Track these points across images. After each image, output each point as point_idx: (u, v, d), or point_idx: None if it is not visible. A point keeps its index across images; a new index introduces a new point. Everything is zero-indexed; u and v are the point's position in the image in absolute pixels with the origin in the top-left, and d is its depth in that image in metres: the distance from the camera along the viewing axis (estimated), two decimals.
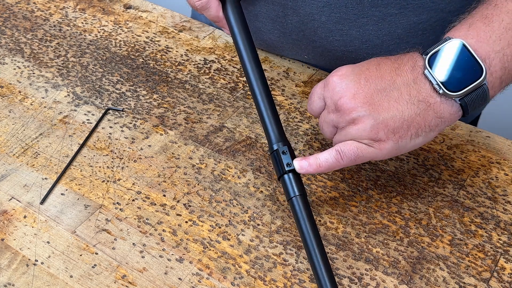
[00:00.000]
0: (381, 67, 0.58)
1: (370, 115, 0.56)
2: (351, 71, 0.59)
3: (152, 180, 0.66)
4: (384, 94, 0.57)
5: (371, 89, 0.57)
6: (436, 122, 0.57)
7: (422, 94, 0.56)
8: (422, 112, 0.56)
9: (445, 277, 0.58)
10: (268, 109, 0.62)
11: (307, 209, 0.57)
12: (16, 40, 0.84)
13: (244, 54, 0.64)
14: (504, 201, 0.65)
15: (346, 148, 0.58)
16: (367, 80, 0.57)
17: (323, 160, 0.58)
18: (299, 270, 0.58)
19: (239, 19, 0.66)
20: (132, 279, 0.57)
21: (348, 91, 0.57)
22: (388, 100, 0.56)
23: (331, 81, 0.59)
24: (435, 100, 0.56)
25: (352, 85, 0.57)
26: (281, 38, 0.78)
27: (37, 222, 0.62)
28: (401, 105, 0.56)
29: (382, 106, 0.56)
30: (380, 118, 0.56)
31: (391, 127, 0.56)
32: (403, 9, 0.71)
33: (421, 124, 0.56)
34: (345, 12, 0.71)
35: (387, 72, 0.57)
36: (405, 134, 0.57)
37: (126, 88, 0.77)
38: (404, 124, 0.56)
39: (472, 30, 0.57)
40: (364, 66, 0.59)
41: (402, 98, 0.56)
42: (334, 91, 0.58)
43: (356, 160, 0.58)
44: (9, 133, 0.71)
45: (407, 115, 0.56)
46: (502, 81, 0.57)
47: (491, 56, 0.56)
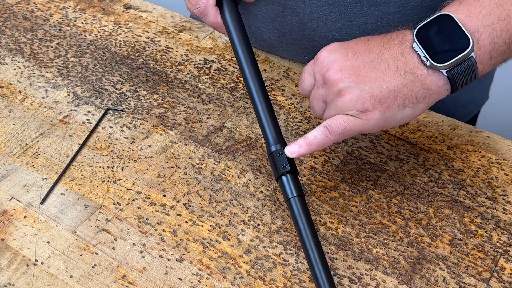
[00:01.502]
0: (369, 42, 0.59)
1: (356, 85, 0.57)
2: (340, 45, 0.60)
3: (152, 180, 0.66)
4: (371, 66, 0.58)
5: (358, 61, 0.58)
6: (424, 93, 0.57)
7: (409, 65, 0.57)
8: (409, 83, 0.57)
9: (445, 277, 0.58)
10: (266, 111, 0.62)
11: (305, 210, 0.58)
12: (16, 40, 0.84)
13: (242, 58, 0.65)
14: (504, 201, 0.65)
15: (333, 123, 0.58)
16: (354, 53, 0.59)
17: (312, 138, 0.59)
18: (299, 270, 0.58)
19: (237, 25, 0.67)
20: (132, 279, 0.57)
21: (335, 63, 0.58)
22: (375, 71, 0.57)
23: (320, 56, 0.60)
24: (422, 72, 0.57)
25: (340, 57, 0.59)
26: (280, 37, 0.79)
27: (37, 222, 0.62)
28: (388, 76, 0.57)
29: (369, 77, 0.57)
30: (366, 88, 0.57)
31: (377, 97, 0.57)
32: (402, 8, 0.71)
33: (408, 95, 0.57)
34: (344, 11, 0.71)
35: (375, 46, 0.59)
36: (392, 104, 0.57)
37: (126, 88, 0.77)
38: (391, 94, 0.57)
39: (463, 5, 0.57)
40: (353, 41, 0.60)
41: (389, 69, 0.57)
42: (322, 64, 0.59)
43: (344, 133, 0.58)
44: (9, 133, 0.71)
45: (393, 85, 0.57)
46: (492, 56, 0.57)
47: (480, 30, 0.56)
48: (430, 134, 0.72)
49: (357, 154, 0.70)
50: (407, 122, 0.60)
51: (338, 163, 0.69)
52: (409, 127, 0.73)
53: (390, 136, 0.72)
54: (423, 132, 0.72)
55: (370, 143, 0.71)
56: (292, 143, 0.60)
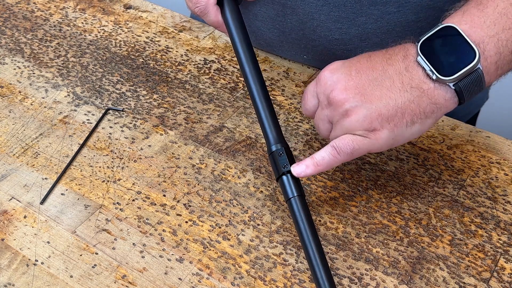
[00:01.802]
0: (372, 59, 0.58)
1: (362, 105, 0.56)
2: (342, 64, 0.59)
3: (152, 180, 0.66)
4: (376, 83, 0.56)
5: (363, 79, 0.57)
6: (432, 108, 0.56)
7: (415, 80, 0.56)
8: (416, 99, 0.56)
9: (445, 277, 0.58)
10: (267, 111, 0.62)
11: (305, 209, 0.57)
12: (16, 40, 0.84)
13: (243, 57, 0.64)
14: (504, 201, 0.65)
15: (341, 143, 0.57)
16: (358, 72, 0.57)
17: (320, 158, 0.58)
18: (299, 270, 0.58)
19: (238, 24, 0.67)
20: (132, 279, 0.57)
21: (339, 83, 0.57)
22: (380, 89, 0.56)
23: (322, 76, 0.59)
24: (428, 86, 0.56)
25: (343, 77, 0.57)
26: (280, 37, 0.79)
27: (37, 222, 0.62)
28: (394, 93, 0.56)
29: (374, 95, 0.56)
30: (373, 107, 0.56)
31: (385, 116, 0.56)
32: (402, 8, 0.71)
33: (415, 111, 0.56)
34: (344, 11, 0.71)
35: (378, 63, 0.57)
36: (400, 121, 0.56)
37: (126, 88, 0.77)
38: (398, 112, 0.56)
39: (466, 16, 0.56)
40: (355, 59, 0.59)
41: (395, 86, 0.56)
42: (326, 85, 0.58)
43: (353, 153, 0.57)
44: (9, 133, 0.71)
45: (400, 102, 0.56)
46: (498, 66, 0.56)
47: (485, 41, 0.55)
48: (430, 134, 0.72)
49: None
50: (415, 138, 0.59)
51: None
52: None
53: None
54: None
55: None
56: (299, 162, 0.59)
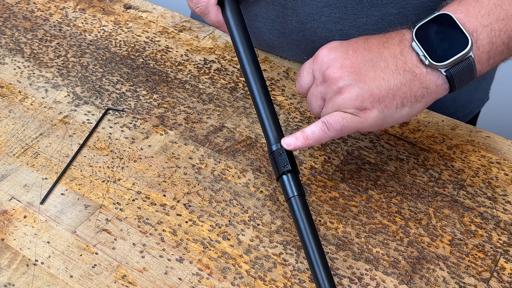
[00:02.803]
0: (369, 41, 0.60)
1: (356, 84, 0.57)
2: (340, 44, 0.60)
3: (152, 180, 0.66)
4: (371, 64, 0.58)
5: (358, 59, 0.58)
6: (422, 92, 0.58)
7: (408, 64, 0.57)
8: (408, 82, 0.57)
9: (445, 277, 0.58)
10: (267, 110, 0.62)
11: (305, 209, 0.58)
12: (16, 40, 0.84)
13: (244, 57, 0.65)
14: (504, 201, 0.65)
15: (331, 119, 0.59)
16: (354, 52, 0.59)
17: (310, 132, 0.59)
18: (299, 270, 0.58)
19: (239, 23, 0.67)
20: (132, 279, 0.57)
21: (335, 61, 0.59)
22: (374, 70, 0.58)
23: (320, 53, 0.60)
24: (421, 71, 0.57)
25: (340, 55, 0.59)
26: (280, 38, 0.79)
27: (37, 222, 0.62)
28: (387, 74, 0.57)
29: (368, 75, 0.57)
30: (365, 87, 0.57)
31: (376, 96, 0.57)
32: (403, 9, 0.71)
33: (406, 94, 0.57)
34: (345, 12, 0.71)
35: (374, 45, 0.59)
36: (390, 103, 0.57)
37: (126, 88, 0.77)
38: (390, 93, 0.57)
39: (462, 5, 0.58)
40: (352, 40, 0.61)
41: (388, 68, 0.57)
42: (322, 62, 0.60)
43: (342, 130, 0.59)
44: (9, 133, 0.71)
45: (392, 84, 0.57)
46: (490, 56, 0.58)
47: (479, 30, 0.57)
48: (430, 134, 0.72)
49: (357, 154, 0.70)
50: (404, 121, 0.61)
51: (338, 163, 0.69)
52: (409, 127, 0.73)
53: (390, 136, 0.72)
54: (423, 132, 0.72)
55: (370, 143, 0.71)
56: (289, 135, 0.60)
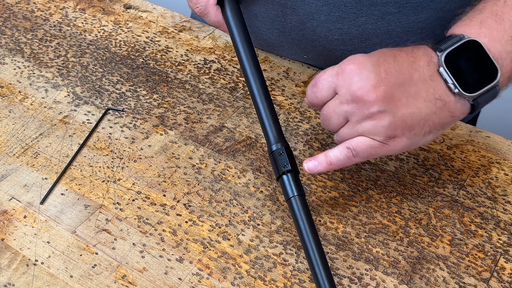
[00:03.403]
0: (397, 60, 0.56)
1: (390, 111, 0.55)
2: (369, 60, 0.55)
3: (152, 180, 0.66)
4: (403, 89, 0.55)
5: (391, 83, 0.55)
6: (449, 120, 0.57)
7: (438, 92, 0.55)
8: (438, 111, 0.56)
9: (445, 277, 0.58)
10: (267, 110, 0.62)
11: (305, 209, 0.57)
12: (16, 40, 0.84)
13: (244, 57, 0.64)
14: (504, 201, 0.65)
15: (359, 147, 0.56)
16: (387, 73, 0.55)
17: (334, 157, 0.57)
18: (299, 270, 0.58)
19: (239, 23, 0.66)
20: (132, 279, 0.57)
21: (368, 81, 0.54)
22: (406, 96, 0.55)
23: (347, 69, 0.56)
24: (449, 99, 0.55)
25: (373, 76, 0.54)
26: (280, 37, 0.78)
27: (37, 222, 0.62)
28: (419, 102, 0.55)
29: (402, 101, 0.55)
30: (398, 115, 0.55)
31: (408, 124, 0.55)
32: (402, 8, 0.71)
33: (436, 122, 0.56)
34: (344, 11, 0.71)
35: (404, 66, 0.56)
36: (420, 131, 0.56)
37: (126, 88, 0.77)
38: (421, 122, 0.55)
39: (484, 28, 0.56)
40: (381, 57, 0.56)
41: (420, 95, 0.55)
42: (351, 80, 0.55)
43: (368, 157, 0.57)
44: (9, 133, 0.71)
45: (424, 113, 0.55)
46: (510, 79, 0.58)
47: (503, 56, 0.56)
48: None
49: None
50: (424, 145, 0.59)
51: None
52: None
53: None
54: None
55: None
56: (312, 158, 0.58)
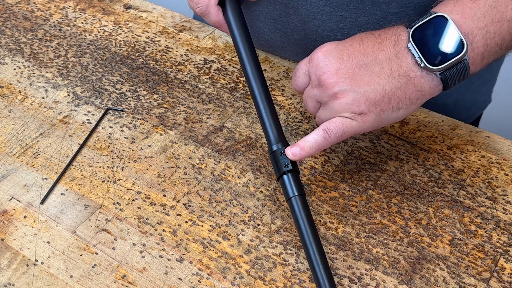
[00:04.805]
0: (364, 43, 0.60)
1: (352, 89, 0.58)
2: (335, 47, 0.60)
3: (152, 180, 0.66)
4: (366, 69, 0.58)
5: (353, 64, 0.59)
6: (417, 95, 0.58)
7: (403, 68, 0.58)
8: (403, 86, 0.58)
9: (445, 277, 0.58)
10: (268, 110, 0.62)
11: (305, 209, 0.58)
12: (16, 40, 0.84)
13: (245, 57, 0.65)
14: (504, 201, 0.65)
15: (331, 125, 0.59)
16: (349, 56, 0.59)
17: (313, 141, 0.60)
18: (299, 270, 0.58)
19: (240, 23, 0.67)
20: (132, 279, 0.57)
21: (331, 66, 0.59)
22: (369, 74, 0.58)
23: (315, 57, 0.61)
24: (415, 74, 0.57)
25: (335, 60, 0.59)
26: (282, 37, 0.78)
27: (37, 222, 0.62)
28: (382, 79, 0.58)
29: (363, 80, 0.58)
30: (361, 92, 0.58)
31: (372, 100, 0.58)
32: (404, 8, 0.71)
33: (401, 98, 0.58)
34: (346, 11, 0.71)
35: (369, 47, 0.59)
36: (386, 107, 0.58)
37: (126, 88, 0.77)
38: (385, 97, 0.58)
39: (458, 6, 0.58)
40: (348, 42, 0.61)
41: (383, 72, 0.58)
42: (318, 66, 0.60)
43: (342, 135, 0.60)
44: (9, 133, 0.71)
45: (387, 88, 0.58)
46: (484, 57, 0.58)
47: (474, 32, 0.57)
48: (430, 134, 0.72)
49: (357, 154, 0.70)
50: (400, 120, 0.61)
51: (338, 163, 0.69)
52: (409, 127, 0.73)
53: (390, 136, 0.72)
54: (423, 132, 0.72)
55: (370, 143, 0.71)
56: (293, 145, 0.60)
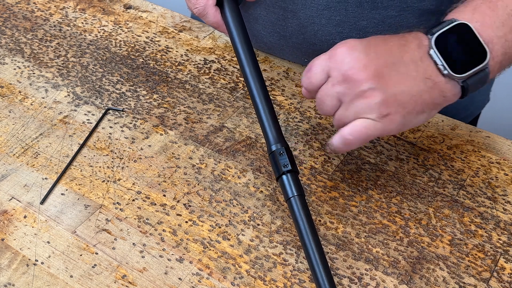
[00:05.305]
0: (388, 42, 0.58)
1: (381, 88, 0.56)
2: (359, 43, 0.58)
3: (152, 180, 0.66)
4: (393, 68, 0.56)
5: (381, 62, 0.56)
6: (440, 100, 0.58)
7: (428, 72, 0.56)
8: (429, 90, 0.57)
9: (445, 277, 0.58)
10: (267, 110, 0.62)
11: (305, 209, 0.57)
12: (16, 40, 0.84)
13: (243, 57, 0.64)
14: (504, 201, 0.65)
15: (355, 130, 0.57)
16: (376, 53, 0.57)
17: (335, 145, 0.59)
18: (299, 270, 0.58)
19: (238, 24, 0.66)
20: (132, 279, 0.57)
21: (358, 62, 0.56)
22: (397, 74, 0.56)
23: (338, 51, 0.58)
24: (439, 79, 0.57)
25: (363, 56, 0.56)
26: (281, 41, 0.78)
27: (37, 222, 0.62)
28: (409, 80, 0.56)
29: (392, 80, 0.56)
30: (389, 92, 0.56)
31: (400, 102, 0.56)
32: (403, 12, 0.71)
33: (427, 101, 0.57)
34: (345, 15, 0.71)
35: (395, 47, 0.57)
36: (412, 109, 0.57)
37: (126, 88, 0.77)
38: (412, 99, 0.56)
39: (477, 14, 0.58)
40: (371, 40, 0.58)
41: (410, 74, 0.56)
42: (343, 62, 0.57)
43: (366, 139, 0.58)
44: (9, 133, 0.71)
45: (415, 90, 0.56)
46: (501, 66, 0.59)
47: (494, 41, 0.57)
48: (430, 134, 0.72)
49: (357, 154, 0.70)
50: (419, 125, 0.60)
51: (338, 163, 0.69)
52: None
53: (390, 136, 0.72)
54: (423, 132, 0.72)
55: (370, 143, 0.71)
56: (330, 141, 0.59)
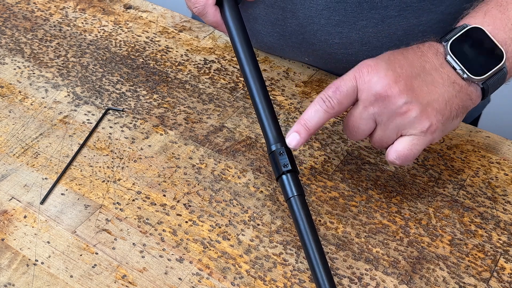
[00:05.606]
0: (406, 56, 0.57)
1: (415, 101, 0.55)
2: (381, 60, 0.57)
3: (152, 180, 0.66)
4: (420, 79, 0.56)
5: (408, 75, 0.56)
6: (468, 103, 0.58)
7: (452, 77, 0.57)
8: (458, 93, 0.57)
9: (445, 277, 0.58)
10: (267, 110, 0.62)
11: (305, 209, 0.57)
12: (16, 40, 0.84)
13: (243, 57, 0.64)
14: (504, 201, 0.65)
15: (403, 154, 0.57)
16: (401, 67, 0.56)
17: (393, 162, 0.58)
18: (299, 270, 0.58)
19: (237, 23, 0.66)
20: (132, 279, 0.57)
21: (388, 79, 0.55)
22: (425, 84, 0.56)
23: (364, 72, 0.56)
24: (463, 83, 0.57)
25: (391, 73, 0.55)
26: (280, 41, 0.78)
27: (37, 222, 0.62)
28: (438, 87, 0.56)
29: (423, 91, 0.56)
30: (424, 103, 0.56)
31: (437, 110, 0.56)
32: (403, 11, 0.71)
33: (459, 105, 0.57)
34: (344, 15, 0.71)
35: (415, 59, 0.57)
36: (449, 115, 0.57)
37: (126, 88, 0.77)
38: (447, 105, 0.57)
39: (488, 17, 0.58)
40: (390, 56, 0.58)
41: (437, 81, 0.57)
42: (371, 81, 0.55)
43: (416, 155, 0.57)
44: (9, 133, 0.71)
45: (447, 96, 0.56)
46: None
47: (508, 43, 0.58)
48: None
49: (357, 154, 0.70)
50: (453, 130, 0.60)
51: (338, 163, 0.69)
52: None
53: None
54: None
55: (370, 143, 0.71)
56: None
